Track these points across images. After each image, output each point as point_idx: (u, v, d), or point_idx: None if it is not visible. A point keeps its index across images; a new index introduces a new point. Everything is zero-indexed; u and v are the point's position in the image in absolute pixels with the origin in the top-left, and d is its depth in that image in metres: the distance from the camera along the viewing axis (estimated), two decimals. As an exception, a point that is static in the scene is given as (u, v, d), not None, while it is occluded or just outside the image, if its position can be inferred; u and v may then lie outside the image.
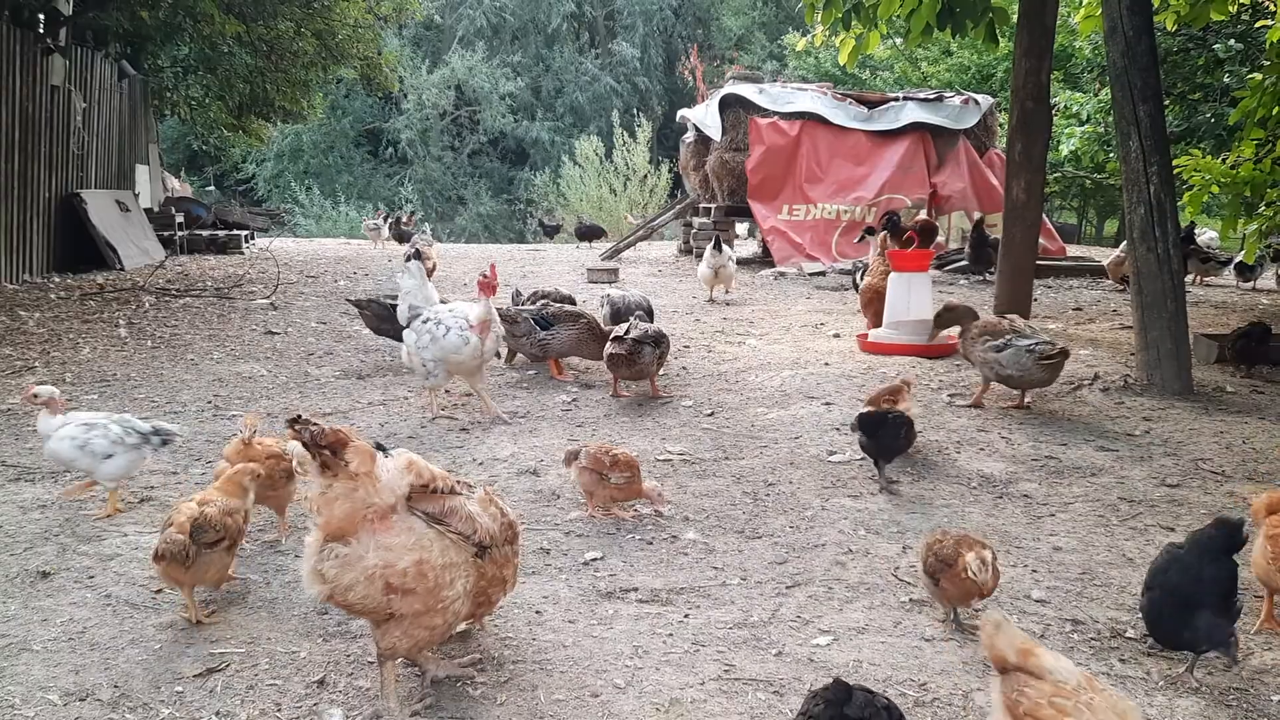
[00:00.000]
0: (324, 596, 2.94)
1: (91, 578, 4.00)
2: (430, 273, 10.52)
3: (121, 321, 9.59)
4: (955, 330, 7.30)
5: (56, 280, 12.29)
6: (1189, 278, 12.58)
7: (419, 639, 3.02)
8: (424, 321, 6.40)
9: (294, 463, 4.23)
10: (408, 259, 6.74)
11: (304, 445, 2.82)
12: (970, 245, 13.60)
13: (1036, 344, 6.32)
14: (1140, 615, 3.54)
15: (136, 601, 3.80)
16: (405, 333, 6.52)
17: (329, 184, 36.02)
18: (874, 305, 8.75)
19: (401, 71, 29.07)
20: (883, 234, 8.92)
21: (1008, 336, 6.44)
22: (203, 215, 18.24)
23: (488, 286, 6.40)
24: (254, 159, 35.71)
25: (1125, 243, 9.03)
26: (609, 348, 6.77)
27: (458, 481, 3.20)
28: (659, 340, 6.83)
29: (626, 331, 6.75)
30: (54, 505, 4.78)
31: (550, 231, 21.81)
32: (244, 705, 3.10)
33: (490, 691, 3.20)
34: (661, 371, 7.22)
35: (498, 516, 3.26)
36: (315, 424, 2.83)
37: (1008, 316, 6.78)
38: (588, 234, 19.03)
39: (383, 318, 7.75)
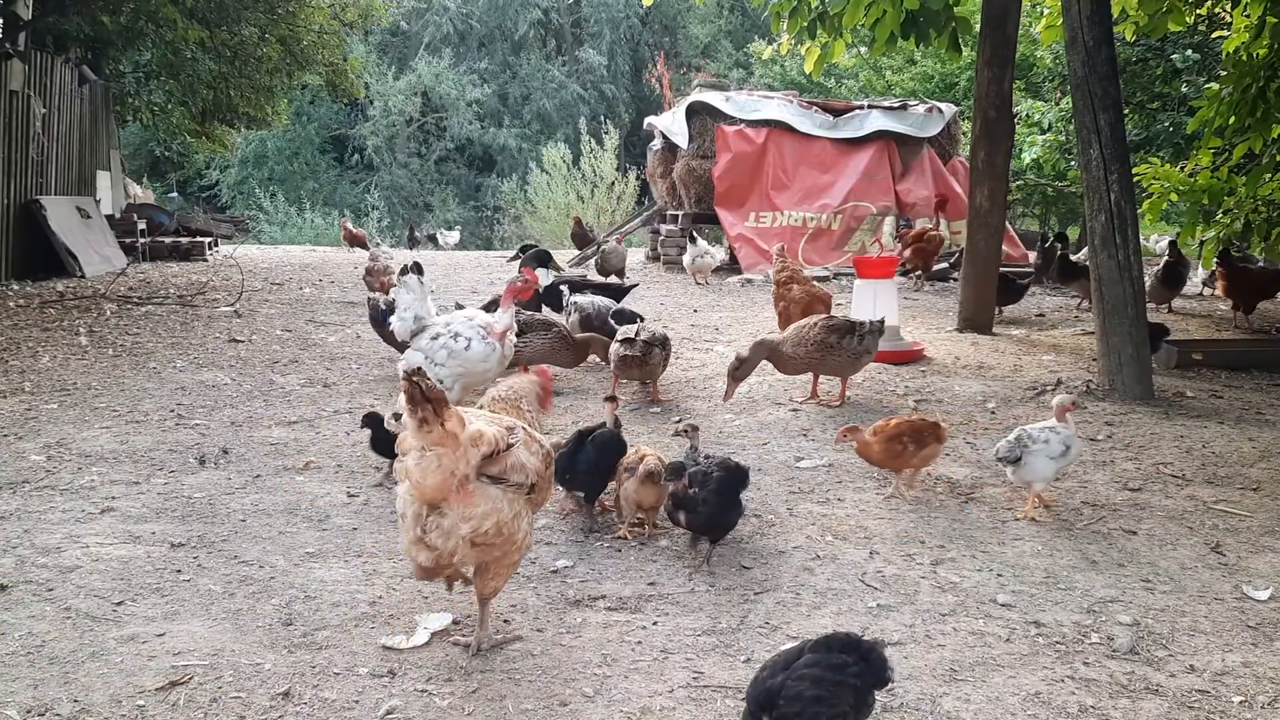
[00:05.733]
0: (431, 562, 3.28)
1: (50, 590, 3.93)
2: (385, 289, 10.43)
3: (82, 329, 9.45)
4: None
5: (15, 288, 12.10)
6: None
7: (505, 576, 3.52)
8: (434, 337, 6.15)
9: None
10: (403, 272, 6.47)
11: (412, 399, 3.03)
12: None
13: (872, 326, 6.89)
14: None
15: (97, 614, 3.74)
16: (409, 351, 6.26)
17: (294, 191, 35.68)
18: (785, 305, 8.52)
19: (367, 78, 28.92)
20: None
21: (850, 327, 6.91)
22: (165, 222, 18.01)
23: (523, 291, 6.60)
24: (217, 165, 35.31)
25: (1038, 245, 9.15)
26: (621, 349, 6.81)
27: (508, 430, 3.40)
28: (664, 343, 7.05)
29: (636, 334, 6.85)
30: (12, 517, 4.70)
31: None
32: (207, 719, 3.06)
33: (458, 702, 3.18)
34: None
35: (538, 451, 3.52)
36: (429, 379, 3.06)
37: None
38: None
39: (373, 317, 8.03)
